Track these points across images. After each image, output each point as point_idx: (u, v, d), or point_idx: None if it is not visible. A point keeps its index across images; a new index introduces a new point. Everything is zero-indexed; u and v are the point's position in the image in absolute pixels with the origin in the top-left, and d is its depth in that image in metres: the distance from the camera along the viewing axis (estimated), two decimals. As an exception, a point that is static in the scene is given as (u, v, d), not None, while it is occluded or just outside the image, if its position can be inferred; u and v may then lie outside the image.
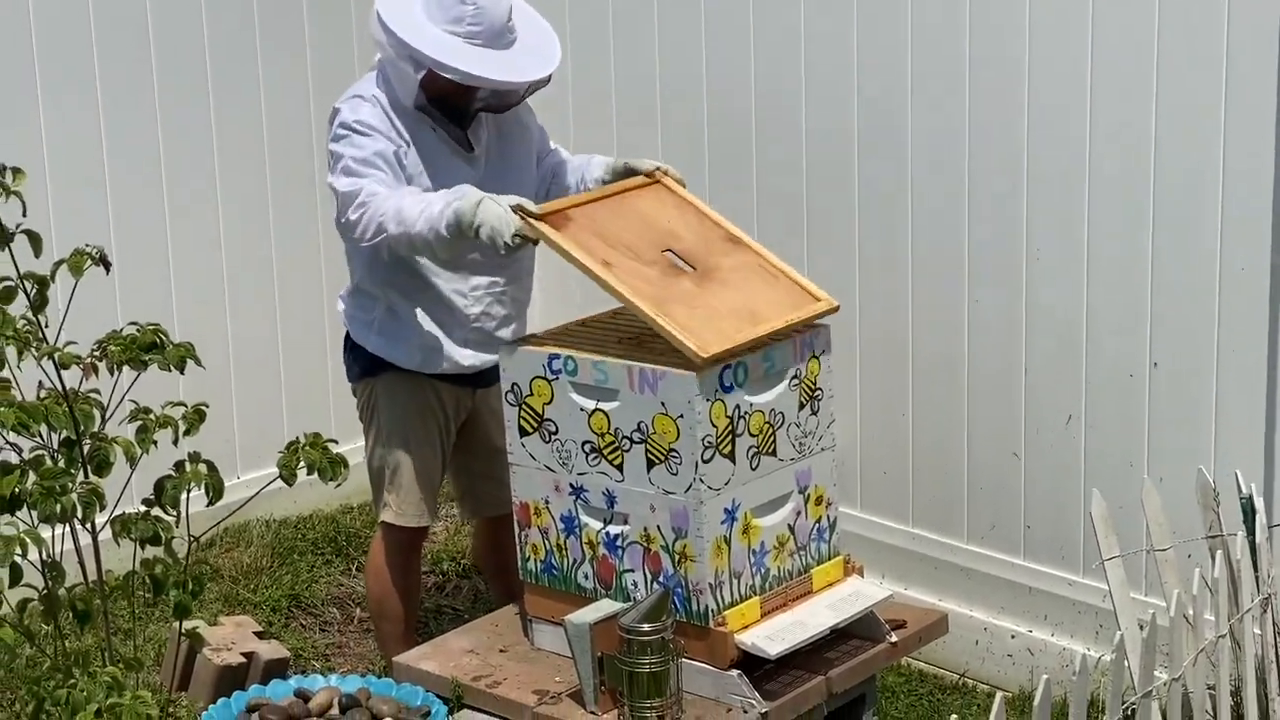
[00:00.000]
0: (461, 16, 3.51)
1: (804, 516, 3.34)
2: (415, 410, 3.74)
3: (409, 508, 3.77)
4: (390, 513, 3.77)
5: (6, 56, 4.37)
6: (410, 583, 3.87)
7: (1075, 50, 3.77)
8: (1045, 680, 2.47)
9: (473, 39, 3.52)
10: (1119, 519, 3.43)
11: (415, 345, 3.69)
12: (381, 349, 3.72)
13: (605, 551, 3.28)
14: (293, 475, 2.47)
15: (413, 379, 3.72)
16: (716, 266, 3.36)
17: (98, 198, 4.53)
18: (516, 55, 3.60)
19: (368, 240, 3.48)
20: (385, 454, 3.75)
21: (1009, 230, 3.97)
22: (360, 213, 3.48)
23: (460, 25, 3.51)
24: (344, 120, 3.56)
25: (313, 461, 2.46)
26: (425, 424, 3.75)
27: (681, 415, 3.09)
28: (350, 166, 3.52)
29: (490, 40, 3.54)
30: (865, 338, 4.31)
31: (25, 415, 2.27)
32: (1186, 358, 3.71)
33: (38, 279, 2.44)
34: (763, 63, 4.38)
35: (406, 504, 3.76)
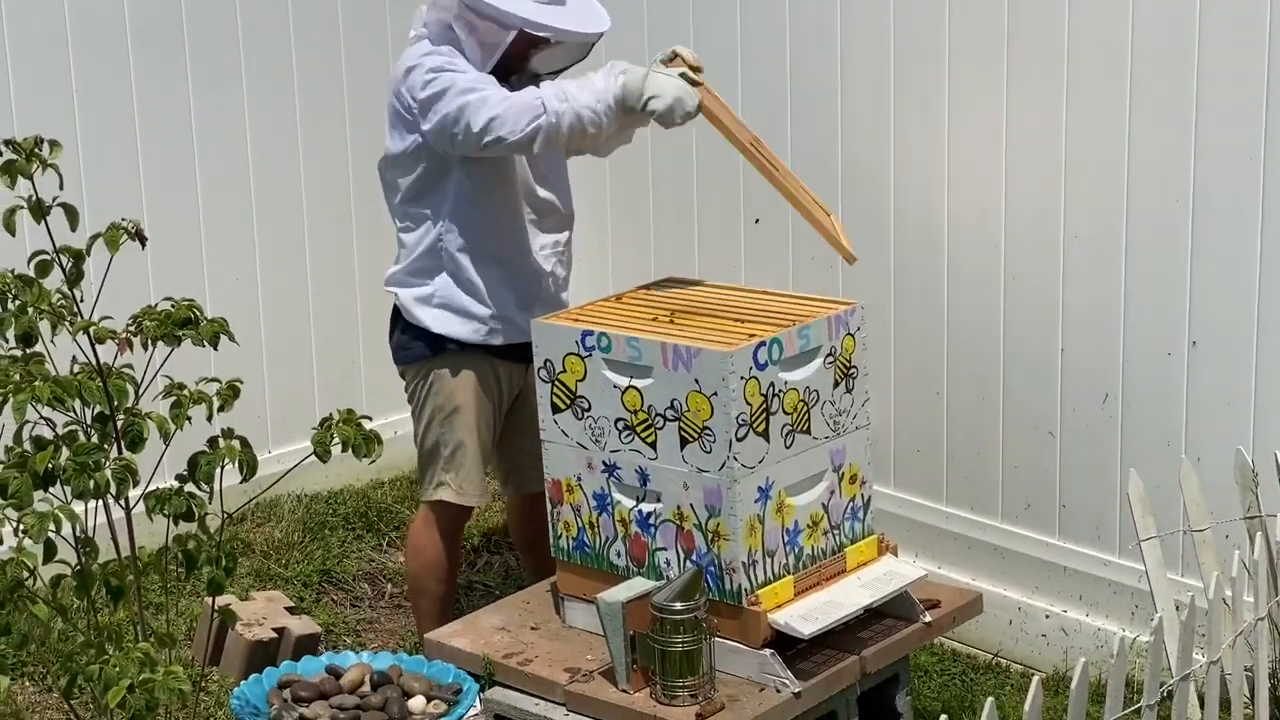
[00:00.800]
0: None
1: (838, 495, 3.31)
2: (477, 388, 3.72)
3: (471, 487, 3.74)
4: (449, 491, 3.74)
5: (41, 33, 4.36)
6: (452, 562, 3.85)
7: (1118, 37, 3.72)
8: (1083, 663, 2.45)
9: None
10: (1156, 499, 3.40)
11: (481, 316, 3.67)
12: (443, 324, 3.68)
13: (638, 529, 3.26)
14: (327, 452, 2.46)
15: (472, 356, 3.70)
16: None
17: (130, 174, 4.53)
18: (576, 9, 3.60)
19: (521, 130, 3.39)
20: (444, 433, 3.72)
21: (1046, 208, 3.92)
22: (505, 106, 3.40)
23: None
24: (434, 65, 3.51)
25: (347, 438, 2.45)
26: (485, 402, 3.74)
27: (716, 393, 3.06)
28: (468, 85, 3.45)
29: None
30: (899, 315, 4.27)
31: (60, 389, 2.26)
32: (1225, 336, 3.67)
33: (73, 253, 2.43)
34: (796, 41, 4.35)
35: (468, 483, 3.74)
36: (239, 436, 2.44)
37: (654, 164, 4.77)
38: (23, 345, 2.40)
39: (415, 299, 3.70)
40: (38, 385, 2.23)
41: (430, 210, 3.64)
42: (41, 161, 2.36)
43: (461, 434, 3.72)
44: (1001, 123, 3.97)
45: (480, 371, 3.72)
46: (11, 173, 2.35)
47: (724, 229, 4.63)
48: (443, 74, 3.49)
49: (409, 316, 3.72)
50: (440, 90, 3.48)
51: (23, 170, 2.34)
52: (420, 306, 3.70)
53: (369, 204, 5.01)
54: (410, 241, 3.70)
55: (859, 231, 4.27)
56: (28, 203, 2.39)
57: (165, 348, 2.48)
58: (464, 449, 3.72)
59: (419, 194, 3.64)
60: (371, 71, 4.98)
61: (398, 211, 3.70)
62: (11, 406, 2.26)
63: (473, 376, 3.71)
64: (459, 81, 3.48)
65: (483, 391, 3.73)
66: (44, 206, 2.36)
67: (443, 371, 3.72)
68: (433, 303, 3.69)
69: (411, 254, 3.70)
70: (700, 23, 4.55)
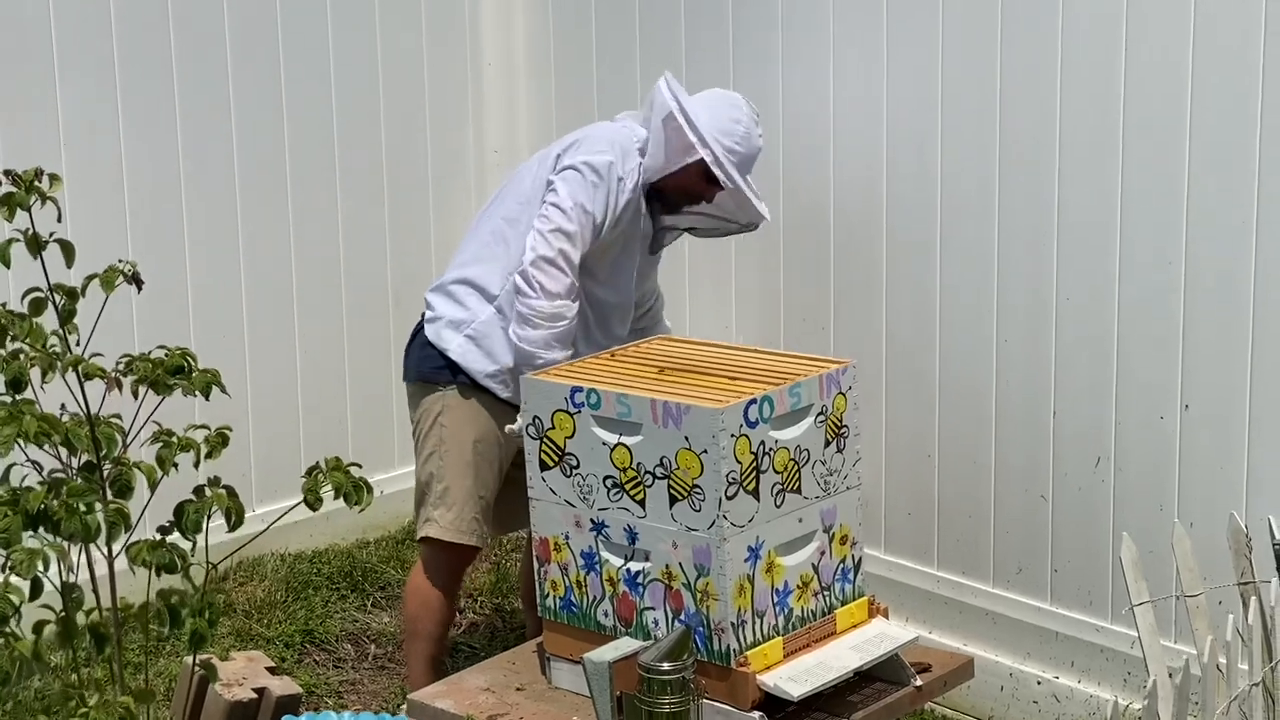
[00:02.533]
0: (732, 132, 3.66)
1: (828, 556, 3.28)
2: (481, 426, 3.71)
3: (460, 524, 3.72)
4: (435, 528, 3.72)
5: (29, 70, 4.35)
6: (448, 602, 3.82)
7: (1110, 92, 3.72)
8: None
9: (731, 155, 3.65)
10: (1148, 564, 3.36)
11: (501, 363, 3.68)
12: (464, 355, 3.69)
13: (626, 589, 3.22)
14: (318, 500, 2.42)
15: (483, 394, 3.71)
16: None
17: (117, 221, 4.51)
18: (754, 187, 3.77)
19: (535, 334, 3.59)
20: (441, 468, 3.71)
21: (1039, 272, 3.92)
22: (559, 305, 3.59)
23: (727, 139, 3.65)
24: (612, 160, 3.65)
25: (339, 485, 2.41)
26: (489, 442, 3.72)
27: (706, 450, 3.03)
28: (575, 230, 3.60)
29: (742, 164, 3.68)
30: (892, 378, 4.26)
31: (48, 426, 2.23)
32: (1218, 401, 3.65)
33: (67, 291, 2.40)
34: (791, 103, 4.36)
35: (458, 521, 3.72)
36: (226, 485, 2.40)
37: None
38: (12, 391, 2.37)
39: (449, 320, 3.72)
40: (25, 420, 2.19)
41: (518, 249, 3.67)
42: (41, 194, 2.34)
43: (458, 470, 3.70)
44: (994, 184, 3.97)
45: (491, 410, 3.72)
46: (11, 205, 2.32)
47: (716, 286, 4.62)
48: (604, 179, 3.62)
49: (433, 336, 3.73)
50: (571, 227, 3.59)
51: (21, 202, 2.31)
52: (449, 329, 3.71)
53: (359, 262, 5.03)
54: (476, 263, 3.73)
55: (852, 296, 4.28)
56: (24, 236, 2.36)
57: (154, 397, 2.45)
58: (458, 486, 3.70)
59: (516, 229, 3.70)
60: (361, 136, 4.99)
61: (487, 232, 3.76)
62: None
63: (482, 413, 3.71)
64: (601, 201, 3.61)
65: (487, 430, 3.72)
66: (40, 241, 2.33)
67: (452, 401, 3.72)
68: (464, 330, 3.70)
69: (468, 271, 3.73)
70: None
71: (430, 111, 5.16)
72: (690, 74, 4.45)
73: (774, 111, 4.36)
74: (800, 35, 4.32)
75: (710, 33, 4.52)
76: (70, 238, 2.45)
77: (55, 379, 2.44)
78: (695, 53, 4.57)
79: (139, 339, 4.29)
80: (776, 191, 4.38)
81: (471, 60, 5.24)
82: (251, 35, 4.73)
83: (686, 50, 4.58)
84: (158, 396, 2.43)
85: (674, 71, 4.58)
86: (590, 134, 3.73)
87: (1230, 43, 3.50)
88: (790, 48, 4.34)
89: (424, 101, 5.15)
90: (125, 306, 3.47)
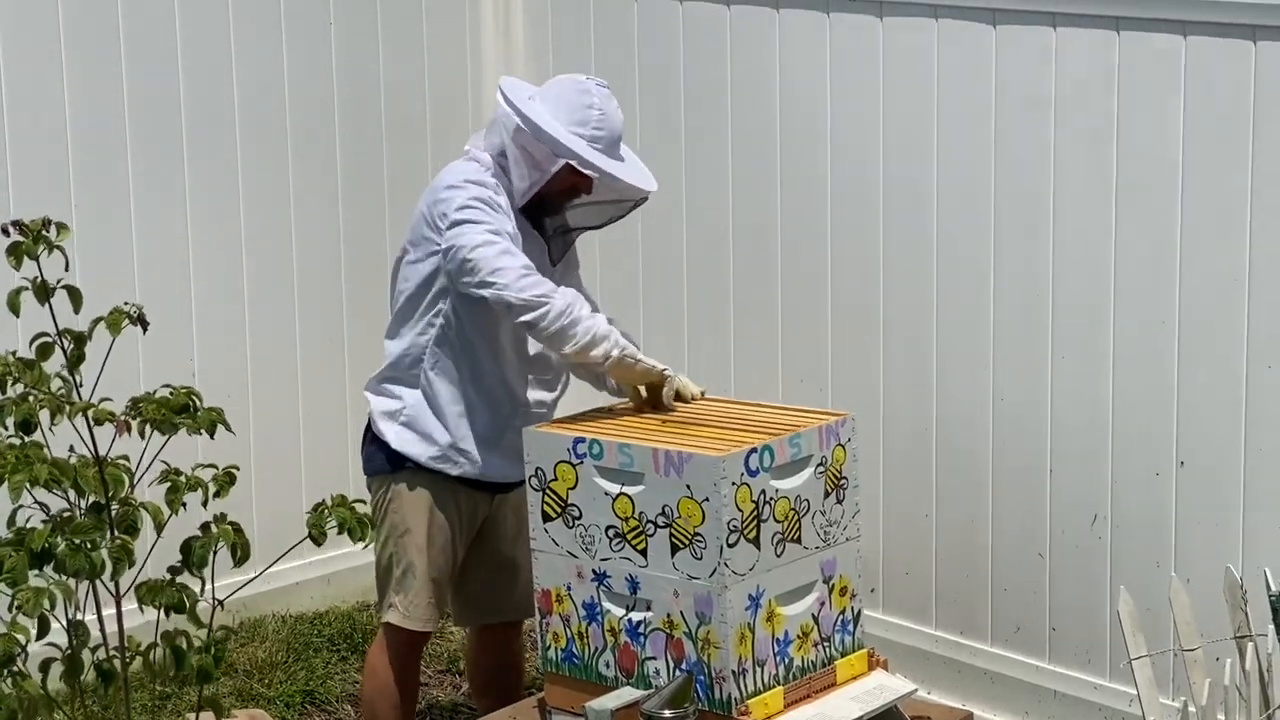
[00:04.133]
0: (587, 120, 3.55)
1: (828, 607, 3.30)
2: (432, 510, 3.69)
3: (417, 610, 3.70)
4: (396, 614, 3.71)
5: (41, 125, 4.42)
6: (407, 685, 3.79)
7: (1102, 153, 3.79)
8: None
9: (595, 142, 3.56)
10: (1146, 621, 3.38)
11: (441, 443, 3.65)
12: (402, 443, 3.67)
13: (627, 639, 3.24)
14: (323, 535, 2.45)
15: (431, 477, 3.68)
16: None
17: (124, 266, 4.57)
18: (633, 165, 3.65)
19: (520, 296, 3.42)
20: (397, 553, 3.70)
21: (1035, 329, 3.97)
22: (522, 271, 3.44)
23: (585, 128, 3.54)
24: (481, 196, 3.53)
25: (343, 520, 2.44)
26: (441, 525, 3.71)
27: (707, 499, 3.07)
28: (502, 229, 3.50)
29: (608, 148, 3.58)
30: (889, 437, 4.29)
31: (58, 471, 2.27)
32: (1213, 456, 3.69)
33: (75, 335, 2.44)
34: (788, 169, 4.43)
35: (415, 606, 3.70)
36: (232, 522, 2.44)
37: (645, 280, 4.82)
38: (22, 433, 2.40)
39: (383, 412, 3.70)
40: (35, 467, 2.23)
41: (420, 326, 3.65)
42: (48, 244, 2.39)
43: (412, 555, 3.68)
44: (989, 238, 4.03)
45: (438, 494, 3.69)
46: (18, 254, 2.37)
47: (715, 346, 4.66)
48: (485, 208, 3.52)
49: (375, 428, 3.73)
50: (475, 219, 3.50)
51: (29, 251, 2.37)
52: (385, 420, 3.70)
53: (361, 315, 5.06)
54: (393, 349, 3.70)
55: (849, 358, 4.33)
56: (32, 284, 2.41)
57: (160, 437, 2.49)
58: (413, 571, 3.68)
59: (415, 307, 3.65)
60: (366, 181, 5.06)
61: (394, 315, 3.71)
62: (7, 487, 2.26)
63: (429, 498, 3.68)
64: (497, 223, 3.51)
65: (440, 514, 3.69)
66: (49, 288, 2.38)
67: (400, 488, 3.69)
68: (398, 419, 3.68)
69: (390, 360, 3.71)
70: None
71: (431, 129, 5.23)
72: (688, 95, 4.51)
73: (771, 176, 4.43)
74: (797, 100, 4.40)
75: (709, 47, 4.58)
76: (77, 281, 2.50)
77: (63, 421, 2.47)
78: (693, 70, 4.62)
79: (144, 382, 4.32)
80: (775, 258, 4.44)
81: (472, 80, 5.30)
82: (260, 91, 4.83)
83: (684, 70, 4.63)
84: (163, 436, 2.47)
85: (670, 89, 4.64)
86: (443, 195, 3.57)
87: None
88: (788, 108, 4.41)
89: (425, 116, 5.21)
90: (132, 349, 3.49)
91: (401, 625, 3.71)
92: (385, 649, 3.76)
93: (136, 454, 2.51)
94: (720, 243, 4.62)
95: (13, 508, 2.34)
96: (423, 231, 3.60)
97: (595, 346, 3.44)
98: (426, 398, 3.66)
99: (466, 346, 3.63)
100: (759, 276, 4.53)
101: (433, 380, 3.65)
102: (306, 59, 4.91)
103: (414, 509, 3.69)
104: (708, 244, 4.66)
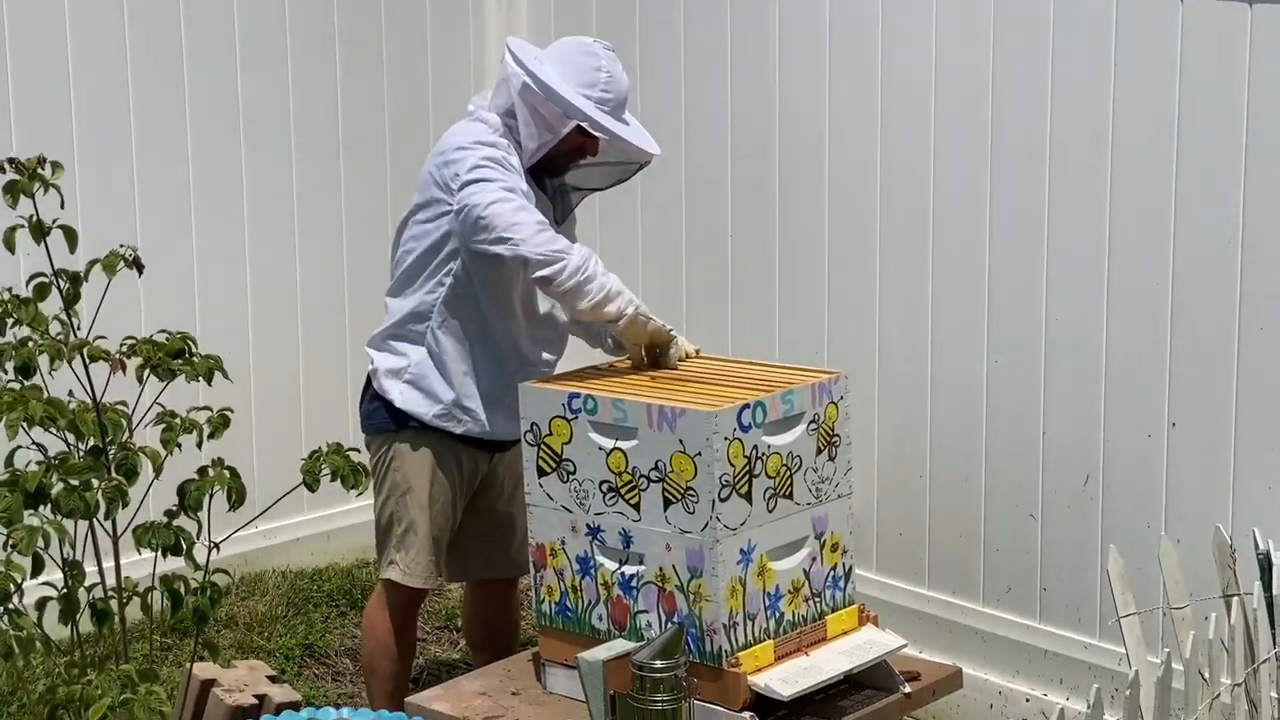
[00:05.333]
0: (595, 81, 3.57)
1: (819, 563, 3.33)
2: (434, 469, 3.72)
3: (418, 568, 3.74)
4: (397, 571, 3.74)
5: (41, 55, 4.45)
6: (405, 641, 3.84)
7: (1099, 116, 3.81)
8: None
9: (603, 105, 3.58)
10: (1136, 581, 3.41)
11: (445, 400, 3.68)
12: (406, 401, 3.69)
13: (620, 592, 3.27)
14: (316, 482, 2.48)
15: (434, 436, 3.71)
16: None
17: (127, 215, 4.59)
18: (637, 129, 3.68)
19: (537, 251, 3.42)
20: (398, 511, 3.73)
21: (1028, 292, 3.99)
22: (537, 226, 3.45)
23: (593, 90, 3.57)
24: (492, 156, 3.55)
25: (336, 468, 2.48)
26: (443, 483, 3.75)
27: (699, 453, 3.10)
28: (515, 187, 3.51)
29: (615, 110, 3.61)
30: (883, 399, 4.32)
31: (53, 410, 2.30)
32: (1205, 418, 3.72)
33: (71, 275, 2.47)
34: (786, 130, 4.44)
35: (415, 564, 3.73)
36: (229, 466, 2.47)
37: (643, 241, 4.84)
38: (21, 377, 2.44)
39: (387, 369, 3.72)
40: (31, 405, 2.26)
41: (430, 285, 3.67)
42: (44, 182, 2.41)
43: (414, 513, 3.71)
44: (985, 204, 4.05)
45: (440, 453, 3.72)
46: (14, 192, 2.39)
47: (712, 307, 4.69)
48: (498, 167, 3.54)
49: (378, 386, 3.74)
50: (488, 177, 3.51)
51: (25, 189, 2.39)
52: (389, 378, 3.71)
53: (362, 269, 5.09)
54: (399, 308, 3.72)
55: (845, 319, 4.35)
56: (28, 222, 2.44)
57: (157, 384, 2.52)
58: (415, 529, 3.72)
59: (424, 266, 3.67)
60: (367, 133, 5.07)
61: (398, 274, 3.72)
62: (4, 425, 2.29)
63: (431, 457, 3.71)
64: (510, 181, 3.53)
65: (441, 473, 3.73)
66: (44, 227, 2.40)
67: (403, 447, 3.72)
68: (403, 377, 3.70)
69: (395, 318, 3.72)
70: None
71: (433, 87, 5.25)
72: (689, 75, 4.54)
73: (771, 125, 4.45)
74: (795, 49, 4.41)
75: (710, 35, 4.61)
76: (75, 222, 2.52)
77: (63, 366, 2.50)
78: (694, 53, 4.64)
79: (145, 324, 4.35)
80: (773, 218, 4.47)
81: (475, 39, 5.31)
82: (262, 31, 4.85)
83: (684, 30, 4.65)
84: (160, 382, 2.49)
85: (671, 74, 4.67)
86: (454, 157, 3.58)
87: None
88: (786, 69, 4.43)
89: (427, 73, 5.23)
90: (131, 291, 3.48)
91: (402, 583, 3.74)
92: (384, 605, 3.80)
93: (134, 401, 2.54)
94: (718, 204, 4.65)
95: (10, 448, 2.37)
96: (432, 193, 3.62)
97: (610, 303, 3.46)
98: (432, 356, 3.69)
99: (475, 306, 3.65)
100: (756, 238, 4.57)
101: (440, 338, 3.68)
102: (307, 10, 4.93)
103: (416, 468, 3.72)
104: (706, 205, 4.69)
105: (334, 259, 5.08)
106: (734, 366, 3.51)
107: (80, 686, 2.19)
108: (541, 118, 3.57)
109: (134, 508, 2.48)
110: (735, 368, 3.50)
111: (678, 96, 4.70)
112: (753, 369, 3.48)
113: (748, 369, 3.48)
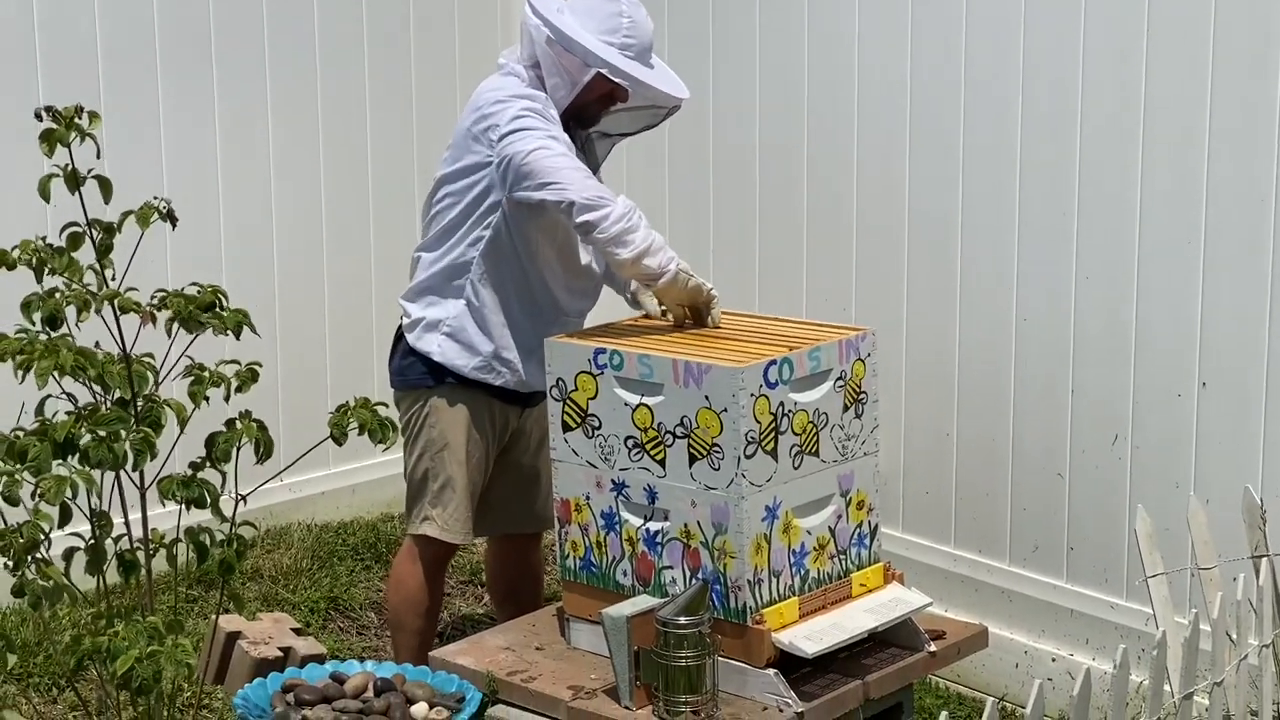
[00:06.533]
0: (617, 27, 3.55)
1: (845, 520, 3.32)
2: (470, 424, 3.72)
3: (456, 524, 3.73)
4: (433, 527, 3.73)
5: (69, 11, 4.44)
6: (434, 597, 3.84)
7: (1130, 72, 3.77)
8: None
9: (626, 50, 3.56)
10: (1164, 541, 3.40)
11: (485, 352, 3.67)
12: (445, 354, 3.68)
13: (644, 548, 3.27)
14: (343, 435, 2.48)
15: (470, 391, 3.70)
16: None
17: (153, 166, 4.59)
18: (660, 73, 3.64)
19: (584, 196, 3.40)
20: (434, 467, 3.72)
21: (1058, 250, 3.96)
22: (582, 174, 3.44)
23: (616, 35, 3.55)
24: (531, 107, 3.53)
25: (364, 421, 2.47)
26: (478, 438, 3.74)
27: (725, 409, 3.09)
28: (557, 136, 3.50)
29: (640, 54, 3.58)
30: (911, 357, 4.30)
31: (83, 359, 2.29)
32: (1235, 378, 3.69)
33: (104, 226, 2.46)
34: (815, 86, 4.41)
35: (454, 519, 3.73)
36: (256, 419, 2.46)
37: (671, 205, 4.83)
38: (49, 328, 2.43)
39: (425, 323, 3.70)
40: (62, 354, 2.26)
41: (469, 237, 3.65)
42: (80, 131, 2.40)
43: (451, 469, 3.71)
44: (1014, 163, 4.02)
45: (475, 408, 3.72)
46: (51, 140, 2.38)
47: (739, 262, 4.67)
48: (538, 117, 3.52)
49: (414, 340, 3.72)
50: (529, 125, 3.50)
51: (61, 138, 2.38)
52: (427, 332, 3.70)
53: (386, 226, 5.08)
54: (437, 263, 3.69)
55: (872, 277, 4.33)
56: (63, 172, 2.43)
57: (185, 337, 2.51)
58: (452, 484, 3.71)
59: (463, 221, 3.65)
60: (393, 95, 5.06)
61: (435, 230, 3.70)
62: (35, 373, 2.29)
63: (467, 412, 3.71)
64: (552, 129, 3.51)
65: (476, 429, 3.73)
66: (79, 177, 2.39)
67: (439, 402, 3.71)
68: (441, 329, 3.68)
69: (430, 271, 3.70)
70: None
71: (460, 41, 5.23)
72: (717, 55, 4.51)
73: (799, 93, 4.42)
74: (824, 16, 4.38)
75: (740, 17, 4.58)
76: (108, 174, 2.51)
77: (90, 317, 2.50)
78: (723, 37, 4.62)
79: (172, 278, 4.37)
80: (801, 175, 4.44)
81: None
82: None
83: (714, 40, 4.63)
84: (189, 335, 2.49)
85: (699, 53, 4.65)
86: (490, 110, 3.56)
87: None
88: (815, 24, 4.40)
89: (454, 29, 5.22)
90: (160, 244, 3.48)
91: (439, 538, 3.74)
92: (415, 560, 3.79)
93: (163, 353, 2.54)
94: (747, 159, 4.62)
95: (41, 397, 2.37)
96: (469, 146, 3.60)
97: (652, 256, 3.43)
98: (471, 308, 3.67)
99: (515, 258, 3.64)
100: (784, 193, 4.54)
101: (480, 291, 3.66)
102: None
103: (453, 423, 3.71)
104: (733, 161, 4.67)
105: (360, 215, 5.08)
106: (760, 322, 3.50)
107: (106, 637, 2.20)
108: (563, 68, 3.56)
109: (161, 460, 2.48)
110: (761, 323, 3.48)
111: (705, 46, 4.66)
112: (779, 325, 3.46)
113: (774, 324, 3.46)
